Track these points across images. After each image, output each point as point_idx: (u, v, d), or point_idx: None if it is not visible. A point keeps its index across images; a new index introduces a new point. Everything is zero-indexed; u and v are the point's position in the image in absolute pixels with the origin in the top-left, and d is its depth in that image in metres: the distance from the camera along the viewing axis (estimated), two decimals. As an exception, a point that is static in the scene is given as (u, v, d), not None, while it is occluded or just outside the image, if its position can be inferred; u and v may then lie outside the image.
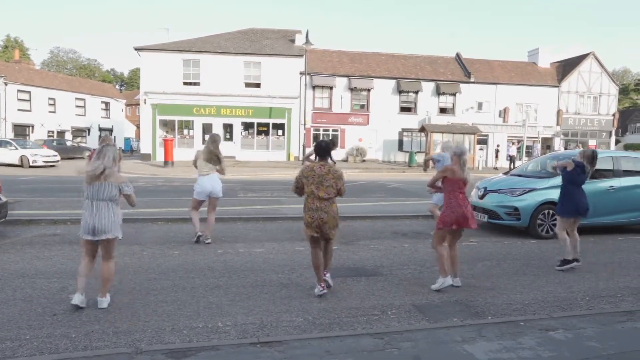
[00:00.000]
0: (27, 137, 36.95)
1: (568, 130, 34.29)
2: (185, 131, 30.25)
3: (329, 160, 4.94)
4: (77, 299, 4.37)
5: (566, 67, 34.96)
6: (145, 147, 29.90)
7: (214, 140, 7.44)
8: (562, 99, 34.04)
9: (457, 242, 5.57)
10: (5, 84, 35.16)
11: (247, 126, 30.94)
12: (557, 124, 34.00)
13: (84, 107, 43.08)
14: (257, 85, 30.36)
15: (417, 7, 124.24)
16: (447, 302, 4.94)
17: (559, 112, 33.99)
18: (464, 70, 33.53)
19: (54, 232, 7.81)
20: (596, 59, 34.63)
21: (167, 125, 30.06)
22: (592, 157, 6.36)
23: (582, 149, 7.38)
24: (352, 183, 18.15)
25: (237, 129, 30.58)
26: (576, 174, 6.27)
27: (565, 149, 32.21)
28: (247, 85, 30.34)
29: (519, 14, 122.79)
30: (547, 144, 33.93)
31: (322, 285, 5.00)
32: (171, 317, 4.34)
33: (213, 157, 7.26)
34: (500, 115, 33.34)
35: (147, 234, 7.96)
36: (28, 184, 15.15)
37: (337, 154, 31.46)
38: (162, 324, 4.18)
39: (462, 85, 32.49)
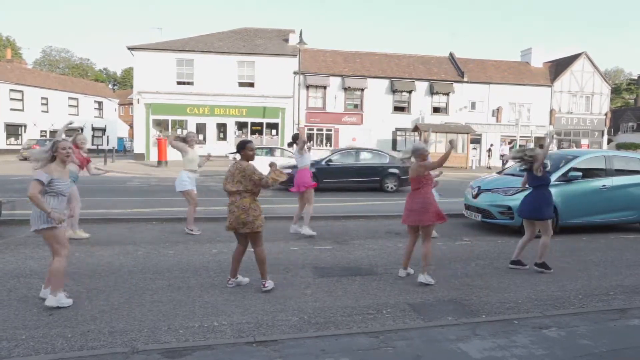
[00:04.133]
0: (20, 137, 36.71)
1: (561, 130, 34.55)
2: (179, 131, 30.12)
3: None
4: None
5: (559, 67, 35.23)
6: (138, 147, 29.77)
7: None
8: (555, 99, 34.30)
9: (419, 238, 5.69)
10: (-3, 83, 34.85)
11: (241, 126, 30.90)
12: (550, 124, 34.26)
13: (77, 106, 42.88)
14: (251, 84, 30.33)
15: (411, 7, 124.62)
16: (442, 301, 4.98)
17: (552, 111, 34.25)
18: (458, 70, 33.68)
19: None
20: (588, 58, 34.93)
21: (161, 125, 29.94)
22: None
23: (575, 148, 7.45)
24: (346, 182, 18.16)
25: (231, 129, 30.53)
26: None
27: (559, 148, 32.45)
28: (241, 84, 30.30)
29: (511, 14, 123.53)
30: (540, 144, 34.14)
31: (231, 281, 5.24)
32: (167, 316, 4.35)
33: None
34: (493, 115, 33.55)
35: (142, 234, 7.94)
36: (22, 184, 15.04)
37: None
38: (158, 323, 4.18)
39: (455, 85, 32.65)
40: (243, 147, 5.05)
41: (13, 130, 36.74)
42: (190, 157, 8.02)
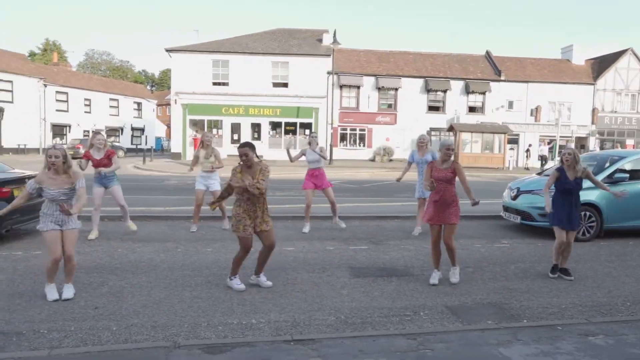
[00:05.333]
0: (65, 137, 38.36)
1: (604, 130, 33.16)
2: (215, 130, 30.73)
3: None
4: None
5: (602, 64, 33.81)
6: (175, 146, 30.56)
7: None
8: (598, 97, 32.95)
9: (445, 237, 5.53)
10: (45, 85, 36.59)
11: (275, 125, 31.22)
12: (592, 123, 32.93)
13: (118, 107, 44.42)
14: (285, 85, 30.59)
15: (447, 5, 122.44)
16: (481, 305, 4.88)
17: (594, 110, 32.92)
18: (494, 68, 32.88)
19: (92, 228, 8.07)
20: (634, 54, 33.36)
21: (197, 125, 30.62)
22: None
23: (620, 149, 7.12)
24: (379, 183, 18.07)
25: (265, 129, 30.89)
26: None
27: (601, 148, 31.15)
28: (275, 85, 30.60)
29: (552, 11, 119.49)
30: (581, 144, 32.91)
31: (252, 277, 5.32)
32: (206, 312, 4.44)
33: None
34: (531, 114, 32.56)
35: (181, 232, 8.15)
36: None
37: (364, 154, 31.43)
38: (198, 319, 4.28)
39: (492, 84, 31.89)
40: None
41: (58, 130, 38.43)
42: (201, 158, 8.12)
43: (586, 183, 8.23)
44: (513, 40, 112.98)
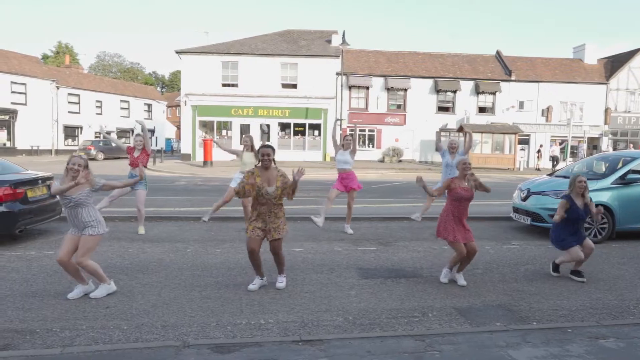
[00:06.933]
0: (77, 138, 38.83)
1: (617, 130, 32.74)
2: (224, 132, 30.89)
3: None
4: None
5: (615, 63, 33.37)
6: (185, 148, 30.77)
7: None
8: (611, 97, 32.53)
9: None
10: (57, 87, 37.06)
11: (284, 127, 31.29)
12: (605, 123, 32.53)
13: (128, 108, 44.83)
14: (294, 86, 30.66)
15: (456, 4, 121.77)
16: (490, 306, 4.85)
17: (607, 110, 32.51)
18: (505, 68, 32.63)
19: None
20: (648, 54, 32.88)
21: (207, 126, 30.80)
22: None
23: (633, 149, 7.02)
24: (388, 184, 18.04)
25: (274, 130, 30.96)
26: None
27: (614, 149, 30.75)
28: (284, 86, 30.68)
29: (565, 10, 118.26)
30: (593, 144, 32.52)
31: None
32: (215, 312, 4.48)
33: None
34: (543, 114, 32.25)
35: (190, 232, 8.21)
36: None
37: (373, 155, 31.38)
38: (207, 319, 4.32)
39: (502, 84, 31.65)
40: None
41: (70, 131, 38.89)
42: (244, 160, 8.39)
43: (597, 184, 8.18)
44: (524, 40, 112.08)
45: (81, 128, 39.59)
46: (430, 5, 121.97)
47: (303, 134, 31.25)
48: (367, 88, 31.28)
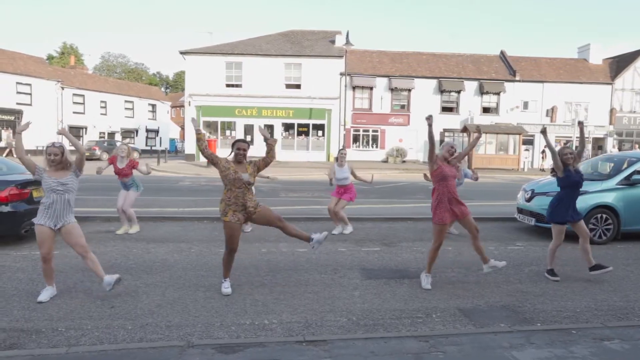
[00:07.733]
0: (81, 138, 39.01)
1: (622, 130, 32.57)
2: (228, 132, 30.96)
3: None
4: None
5: (620, 63, 33.21)
6: (189, 148, 30.85)
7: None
8: (616, 97, 32.38)
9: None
10: (62, 88, 37.26)
11: (288, 127, 31.33)
12: (610, 124, 32.37)
13: (133, 109, 44.99)
14: (298, 86, 30.69)
15: (461, 5, 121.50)
16: (494, 307, 4.85)
17: (612, 110, 32.35)
18: (509, 68, 32.54)
19: (107, 228, 8.22)
20: (654, 54, 32.71)
21: (210, 127, 30.87)
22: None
23: (638, 150, 7.00)
24: (392, 184, 18.02)
25: (278, 130, 31.00)
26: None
27: (620, 149, 30.59)
28: (288, 86, 30.72)
29: (569, 10, 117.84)
30: (598, 145, 32.37)
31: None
32: (219, 313, 4.49)
33: None
34: (547, 115, 32.13)
35: (194, 232, 8.24)
36: (82, 183, 15.98)
37: (377, 155, 31.36)
38: (211, 319, 4.34)
39: (506, 84, 31.57)
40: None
41: (75, 132, 39.03)
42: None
43: (602, 185, 8.15)
44: (524, 40, 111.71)
45: (86, 128, 39.77)
46: (430, 5, 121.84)
47: (307, 134, 31.27)
48: (371, 88, 31.27)
